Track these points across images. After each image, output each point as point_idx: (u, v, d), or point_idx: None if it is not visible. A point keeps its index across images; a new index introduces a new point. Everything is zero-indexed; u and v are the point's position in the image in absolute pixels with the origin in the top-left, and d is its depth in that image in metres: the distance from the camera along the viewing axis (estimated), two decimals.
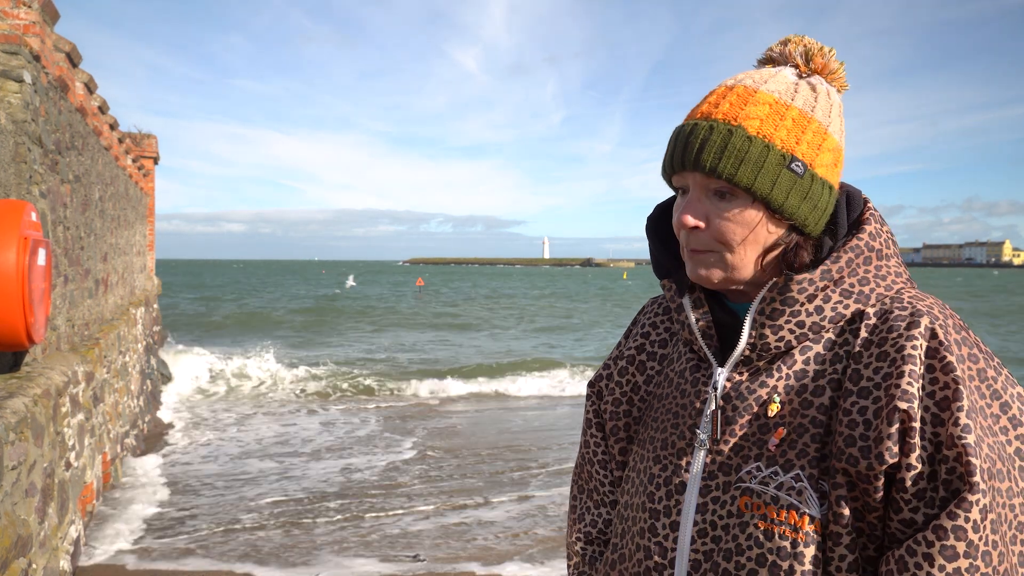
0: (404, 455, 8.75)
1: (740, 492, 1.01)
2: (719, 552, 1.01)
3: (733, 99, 1.03)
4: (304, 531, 6.01)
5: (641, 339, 1.26)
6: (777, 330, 1.02)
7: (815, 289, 1.01)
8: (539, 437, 9.74)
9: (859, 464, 0.92)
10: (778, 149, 1.00)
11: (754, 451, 1.02)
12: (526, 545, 5.74)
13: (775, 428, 1.01)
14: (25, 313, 3.59)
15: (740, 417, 1.03)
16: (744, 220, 1.01)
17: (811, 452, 0.98)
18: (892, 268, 1.06)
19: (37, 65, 4.46)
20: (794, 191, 1.01)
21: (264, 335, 22.14)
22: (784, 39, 1.10)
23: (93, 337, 6.44)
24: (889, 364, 0.95)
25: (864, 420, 0.94)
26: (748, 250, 1.03)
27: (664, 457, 1.11)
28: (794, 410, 1.00)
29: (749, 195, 1.00)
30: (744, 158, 0.99)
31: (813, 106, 1.04)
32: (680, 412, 1.11)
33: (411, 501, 6.88)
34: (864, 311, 1.02)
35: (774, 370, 1.03)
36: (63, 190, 5.24)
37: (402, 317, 30.88)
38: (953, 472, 0.89)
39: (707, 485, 1.05)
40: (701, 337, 1.10)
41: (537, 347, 21.16)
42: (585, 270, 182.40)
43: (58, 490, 4.29)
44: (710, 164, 1.00)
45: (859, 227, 1.06)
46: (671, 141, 1.07)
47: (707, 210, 1.03)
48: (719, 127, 1.01)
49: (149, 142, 13.75)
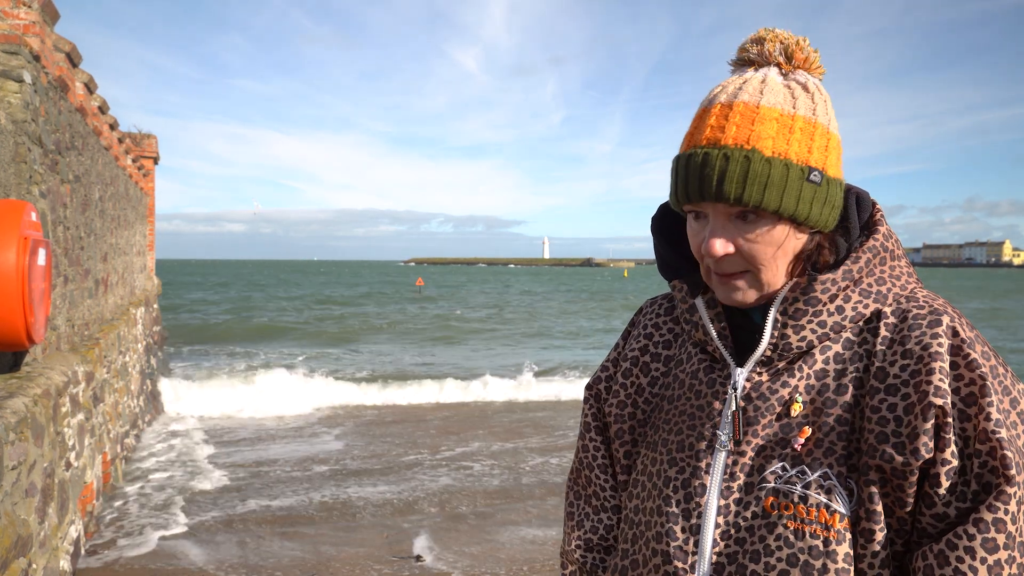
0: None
1: (765, 493, 1.00)
2: (745, 554, 1.01)
3: (737, 120, 1.00)
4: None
5: (644, 340, 1.24)
6: (799, 330, 1.02)
7: (837, 289, 1.02)
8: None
9: (895, 460, 0.94)
10: (796, 164, 0.99)
11: (778, 451, 1.01)
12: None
13: (799, 427, 1.01)
14: (25, 313, 3.59)
15: (762, 417, 1.03)
16: (772, 239, 1.01)
17: (838, 450, 0.98)
18: (904, 268, 1.08)
19: (37, 65, 4.46)
20: (815, 201, 1.01)
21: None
22: (757, 37, 1.07)
23: (93, 337, 6.44)
24: (916, 361, 0.96)
25: (895, 417, 0.95)
26: (779, 264, 1.03)
27: (681, 460, 1.09)
28: (817, 409, 1.01)
29: (775, 215, 1.00)
30: (767, 183, 0.97)
31: (813, 108, 1.03)
32: (697, 414, 1.10)
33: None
34: (882, 310, 1.03)
35: (795, 370, 1.03)
36: (63, 190, 5.24)
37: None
38: (985, 466, 0.91)
39: (728, 487, 1.04)
40: (717, 338, 1.10)
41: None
42: (586, 270, 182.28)
43: (58, 490, 4.29)
44: (734, 195, 0.97)
45: (873, 228, 1.08)
46: (680, 172, 1.04)
47: (733, 235, 1.01)
48: (734, 154, 0.98)
49: (149, 142, 13.75)
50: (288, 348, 20.58)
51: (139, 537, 5.81)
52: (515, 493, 7.24)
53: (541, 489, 7.38)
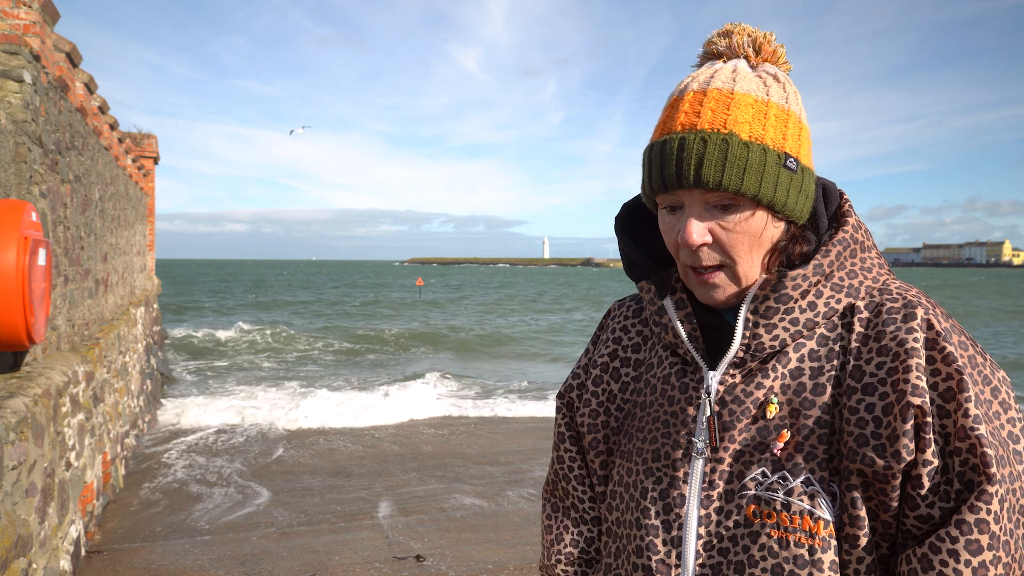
0: None
1: (746, 501, 0.97)
2: (728, 565, 0.97)
3: (713, 105, 0.98)
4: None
5: (613, 344, 1.20)
6: (771, 328, 0.99)
7: (808, 285, 0.99)
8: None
9: (876, 464, 0.91)
10: (772, 150, 0.97)
11: (756, 456, 0.98)
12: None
13: (777, 431, 0.97)
14: (25, 313, 3.59)
15: (738, 421, 1.00)
16: (750, 228, 0.98)
17: (819, 454, 0.95)
18: (875, 260, 1.05)
19: (37, 65, 4.46)
20: (792, 188, 0.99)
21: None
22: (724, 30, 1.06)
23: (93, 337, 6.44)
24: (892, 358, 0.93)
25: (874, 418, 0.92)
26: (755, 255, 1.01)
27: (657, 469, 1.06)
28: (795, 411, 0.98)
29: (753, 202, 0.97)
30: (746, 166, 0.95)
31: (785, 97, 1.01)
32: (671, 420, 1.06)
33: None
34: (855, 304, 1.00)
35: (769, 370, 1.00)
36: (63, 190, 5.24)
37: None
38: (967, 464, 0.89)
39: (708, 495, 1.00)
40: (688, 340, 1.06)
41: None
42: (589, 270, 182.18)
43: (58, 490, 4.29)
44: (713, 179, 0.95)
45: (842, 220, 1.05)
46: (655, 159, 1.00)
47: (711, 225, 0.98)
48: (712, 138, 0.95)
49: (149, 142, 13.75)
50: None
51: (139, 537, 5.81)
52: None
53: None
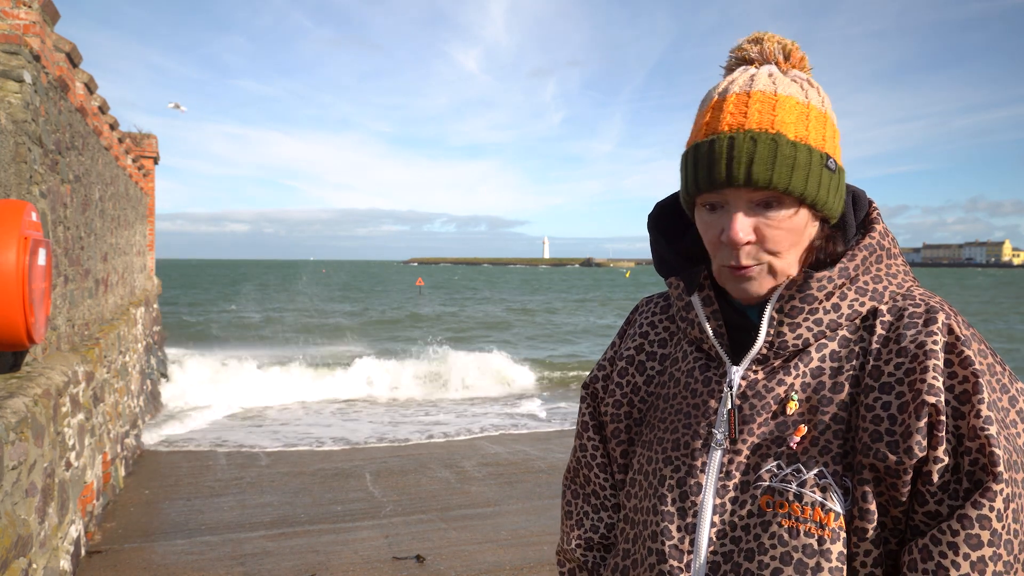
0: None
1: (761, 491, 1.01)
2: (740, 552, 1.01)
3: (759, 106, 1.01)
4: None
5: (640, 339, 1.25)
6: (795, 327, 1.03)
7: (833, 287, 1.02)
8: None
9: (888, 459, 0.94)
10: (816, 150, 1.01)
11: (773, 449, 1.01)
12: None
13: (795, 426, 1.01)
14: (25, 313, 3.59)
15: (758, 416, 1.03)
16: (794, 225, 1.02)
17: (834, 448, 0.98)
18: (900, 266, 1.08)
19: (37, 65, 4.46)
20: (831, 188, 1.03)
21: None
22: (754, 37, 1.09)
23: (93, 337, 6.44)
24: (911, 360, 0.96)
25: (889, 415, 0.95)
26: (795, 252, 1.04)
27: (676, 458, 1.09)
28: (813, 407, 1.01)
29: (797, 200, 1.01)
30: (794, 165, 0.98)
31: (821, 101, 1.05)
32: (692, 412, 1.10)
33: None
34: (878, 308, 1.03)
35: (791, 368, 1.03)
36: (63, 190, 5.24)
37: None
38: (976, 463, 0.91)
39: (724, 485, 1.04)
40: (713, 335, 1.10)
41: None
42: (593, 270, 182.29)
43: (58, 490, 4.29)
44: (764, 178, 0.98)
45: (870, 226, 1.08)
46: (701, 159, 1.02)
47: (755, 222, 1.01)
48: (762, 137, 0.98)
49: (149, 142, 13.75)
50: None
51: (139, 537, 5.81)
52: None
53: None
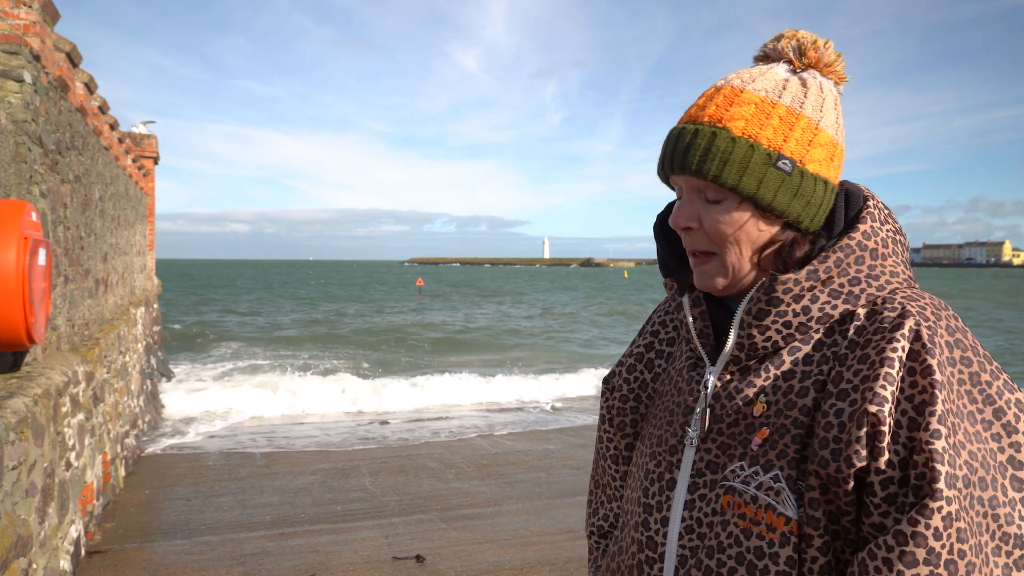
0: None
1: (724, 491, 1.02)
2: (703, 549, 1.03)
3: (719, 100, 1.05)
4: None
5: (651, 337, 1.29)
6: (764, 330, 1.03)
7: (801, 289, 1.01)
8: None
9: (829, 467, 0.92)
10: (764, 148, 1.00)
11: (739, 450, 1.03)
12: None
13: (759, 428, 1.02)
14: (26, 313, 3.59)
15: (727, 416, 1.05)
16: (732, 220, 1.03)
17: (791, 453, 0.98)
18: (888, 268, 1.03)
19: (37, 65, 4.46)
20: (783, 189, 1.01)
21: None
22: (778, 35, 1.10)
23: (93, 337, 6.44)
24: (868, 366, 0.94)
25: (839, 423, 0.94)
26: (742, 249, 1.05)
27: (659, 454, 1.14)
28: (779, 411, 1.01)
29: (736, 195, 1.02)
30: (728, 159, 1.00)
31: (802, 102, 1.03)
32: (675, 410, 1.14)
33: None
34: (854, 312, 1.01)
35: (762, 370, 1.04)
36: (63, 190, 5.24)
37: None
38: (922, 477, 0.88)
39: (695, 482, 1.07)
40: (696, 336, 1.12)
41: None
42: (596, 271, 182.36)
43: (58, 490, 4.29)
44: (696, 166, 1.02)
45: (853, 226, 1.05)
46: (664, 144, 1.10)
47: (698, 211, 1.05)
48: (704, 130, 1.03)
49: (149, 142, 13.75)
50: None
51: (139, 537, 5.81)
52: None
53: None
